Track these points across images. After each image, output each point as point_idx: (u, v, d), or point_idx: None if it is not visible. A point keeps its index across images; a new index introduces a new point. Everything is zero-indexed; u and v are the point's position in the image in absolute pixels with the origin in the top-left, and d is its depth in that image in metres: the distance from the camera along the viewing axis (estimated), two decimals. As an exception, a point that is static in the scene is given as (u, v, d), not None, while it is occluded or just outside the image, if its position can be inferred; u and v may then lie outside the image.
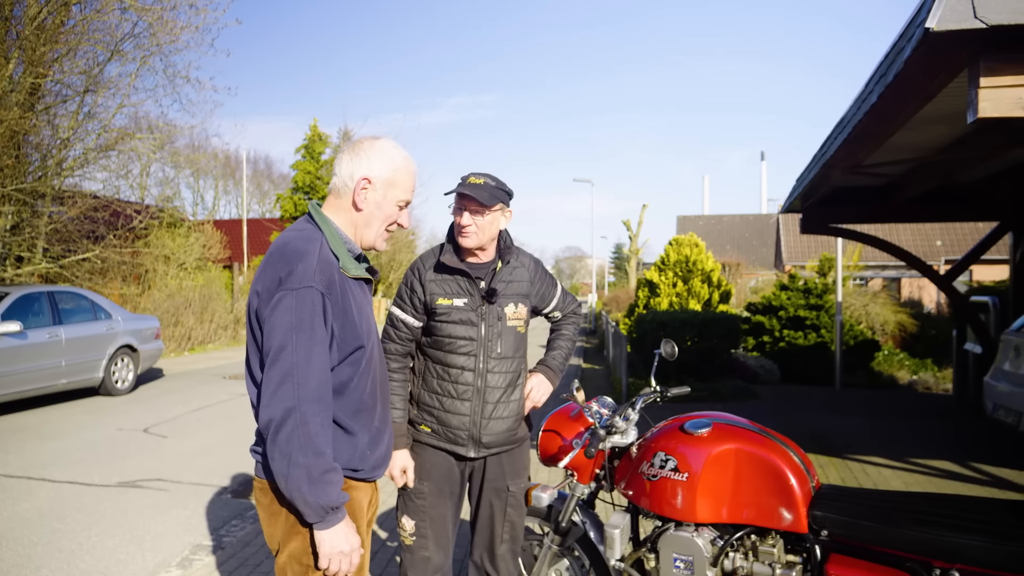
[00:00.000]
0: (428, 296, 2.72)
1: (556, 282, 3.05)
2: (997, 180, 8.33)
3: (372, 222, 2.14)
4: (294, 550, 2.00)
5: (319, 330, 1.90)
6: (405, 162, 2.17)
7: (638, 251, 39.33)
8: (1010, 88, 3.13)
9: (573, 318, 3.12)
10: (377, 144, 2.15)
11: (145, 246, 19.02)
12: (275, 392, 1.85)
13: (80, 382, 10.15)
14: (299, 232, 2.07)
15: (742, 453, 2.57)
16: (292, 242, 2.02)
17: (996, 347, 7.63)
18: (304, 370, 1.87)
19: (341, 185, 2.12)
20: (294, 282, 1.90)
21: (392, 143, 2.19)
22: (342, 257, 2.05)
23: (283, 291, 1.90)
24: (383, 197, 2.13)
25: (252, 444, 2.10)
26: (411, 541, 2.80)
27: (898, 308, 17.21)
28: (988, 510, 2.38)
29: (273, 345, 1.88)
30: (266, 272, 1.97)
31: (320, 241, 2.03)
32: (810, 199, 8.96)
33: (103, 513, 5.35)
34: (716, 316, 11.89)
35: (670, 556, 2.64)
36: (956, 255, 24.20)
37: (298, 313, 1.88)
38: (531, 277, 2.89)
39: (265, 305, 1.92)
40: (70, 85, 15.51)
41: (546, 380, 2.95)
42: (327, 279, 1.96)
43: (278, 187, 44.47)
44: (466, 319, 2.71)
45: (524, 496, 2.93)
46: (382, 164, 2.11)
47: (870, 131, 5.05)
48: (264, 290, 1.94)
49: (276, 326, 1.88)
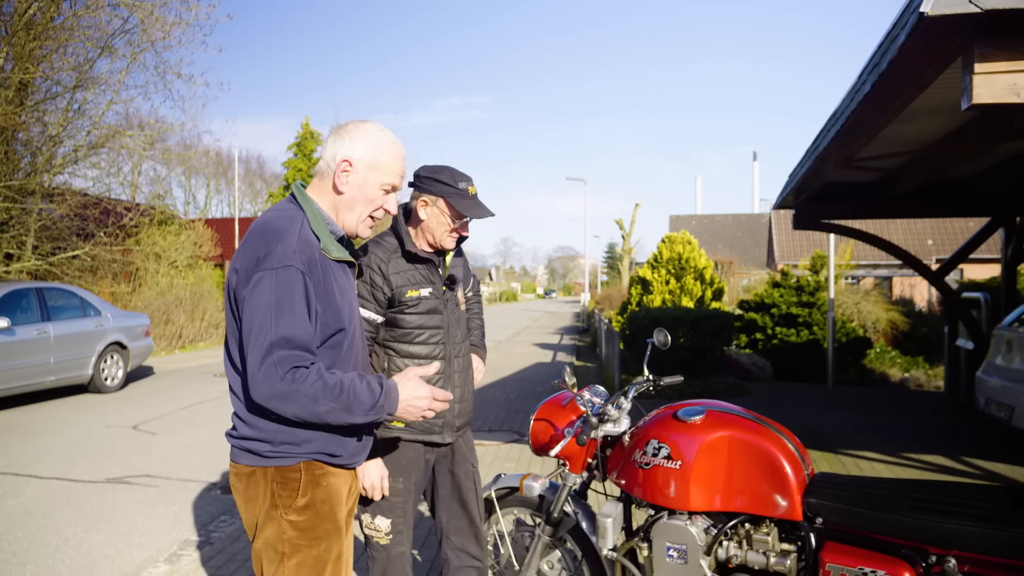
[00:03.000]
0: (395, 289, 2.66)
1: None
2: (989, 176, 8.34)
3: (354, 206, 2.07)
4: (269, 537, 1.97)
5: (299, 308, 1.86)
6: (391, 144, 2.10)
7: (631, 250, 39.39)
8: (1004, 74, 3.11)
9: (478, 297, 3.23)
10: (362, 126, 2.09)
11: (136, 244, 18.89)
12: (260, 366, 1.81)
13: (69, 379, 10.06)
14: (280, 212, 2.03)
15: (736, 440, 2.54)
16: (272, 221, 1.98)
17: (987, 343, 7.64)
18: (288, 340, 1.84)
19: (324, 167, 2.08)
20: (273, 262, 1.86)
21: (378, 126, 2.12)
22: (323, 238, 2.01)
23: (262, 271, 1.85)
24: (364, 180, 2.06)
25: (228, 429, 2.05)
26: (387, 540, 2.74)
27: (890, 306, 17.22)
28: (984, 497, 2.35)
29: (253, 326, 1.83)
30: (245, 251, 1.92)
31: (301, 221, 1.98)
32: (803, 194, 8.96)
33: (90, 509, 5.29)
34: (709, 313, 11.88)
35: (663, 545, 2.61)
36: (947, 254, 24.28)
37: (278, 292, 1.84)
38: (463, 261, 2.99)
39: (244, 285, 1.88)
40: (60, 82, 15.39)
41: (479, 359, 3.09)
42: (307, 259, 1.91)
43: (270, 186, 44.37)
44: (433, 308, 2.73)
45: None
46: (365, 146, 2.05)
47: (863, 122, 5.04)
48: (243, 270, 1.90)
49: (256, 306, 1.84)
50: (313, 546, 1.98)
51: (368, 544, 2.79)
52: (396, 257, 2.70)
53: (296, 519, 1.96)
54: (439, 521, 2.95)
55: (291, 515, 1.96)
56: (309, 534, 1.97)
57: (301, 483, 1.96)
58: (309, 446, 1.96)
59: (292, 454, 1.95)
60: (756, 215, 45.69)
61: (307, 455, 1.96)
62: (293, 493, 1.95)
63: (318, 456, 1.98)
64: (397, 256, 2.70)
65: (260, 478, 1.96)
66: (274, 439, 1.93)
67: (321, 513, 1.99)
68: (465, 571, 2.93)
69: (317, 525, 1.98)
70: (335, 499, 2.03)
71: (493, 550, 3.35)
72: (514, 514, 3.28)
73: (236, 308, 1.92)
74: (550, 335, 24.62)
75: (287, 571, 1.96)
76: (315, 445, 1.96)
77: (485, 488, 3.25)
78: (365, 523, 2.76)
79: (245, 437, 1.97)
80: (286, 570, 1.96)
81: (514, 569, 3.20)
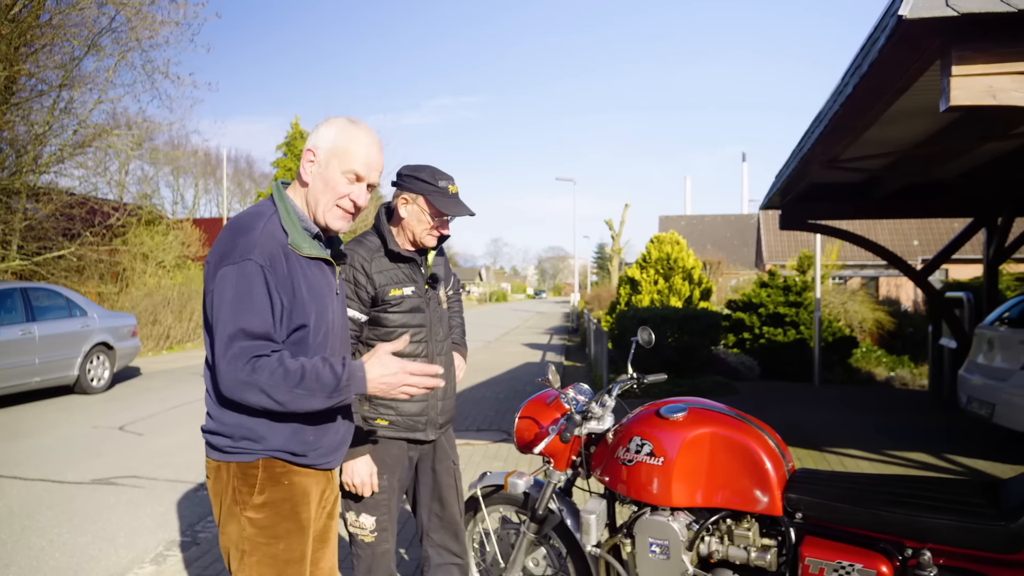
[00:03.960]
0: (378, 288, 2.68)
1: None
2: (971, 177, 8.44)
3: (319, 196, 2.04)
4: (231, 533, 1.98)
5: (260, 300, 1.87)
6: (356, 130, 2.04)
7: (620, 250, 39.49)
8: (981, 76, 3.16)
9: (459, 296, 3.26)
10: (332, 119, 2.07)
11: (123, 244, 18.79)
12: (224, 359, 1.83)
13: (54, 380, 10.01)
14: (254, 208, 2.06)
15: (717, 437, 2.57)
16: (241, 218, 2.01)
17: (970, 342, 7.72)
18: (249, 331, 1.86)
19: (298, 164, 2.11)
20: (235, 256, 1.89)
21: (351, 118, 2.08)
22: (292, 234, 2.00)
23: (224, 266, 1.89)
24: (325, 168, 2.02)
25: (202, 424, 2.05)
26: (372, 538, 2.75)
27: (876, 306, 17.36)
28: (958, 491, 2.40)
29: (218, 321, 1.86)
30: (215, 248, 1.96)
31: (269, 216, 2.00)
32: (789, 195, 9.03)
33: (75, 510, 5.27)
34: (697, 313, 11.94)
35: (646, 541, 2.64)
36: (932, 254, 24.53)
37: (237, 286, 1.86)
38: (444, 260, 3.02)
39: (210, 280, 1.92)
40: (45, 80, 15.31)
41: (461, 357, 3.11)
42: (268, 253, 1.91)
43: (259, 186, 44.21)
44: (416, 306, 2.75)
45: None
46: (329, 134, 2.02)
47: (847, 124, 5.09)
48: (211, 264, 1.94)
49: (220, 301, 1.87)
50: (271, 544, 1.96)
51: (352, 542, 2.80)
52: (379, 256, 2.72)
53: (254, 516, 1.95)
54: (420, 518, 2.97)
55: (249, 512, 1.95)
56: (267, 532, 1.95)
57: (259, 480, 1.95)
58: (268, 443, 1.95)
59: (251, 450, 1.94)
60: (744, 215, 45.90)
61: (266, 452, 1.95)
62: (251, 490, 1.95)
63: (278, 454, 1.96)
64: (380, 255, 2.72)
65: (224, 473, 1.97)
66: (234, 434, 1.94)
67: (281, 512, 1.97)
68: (446, 568, 2.95)
69: (276, 524, 1.96)
70: (298, 498, 2.00)
71: (479, 548, 3.37)
72: (499, 512, 3.30)
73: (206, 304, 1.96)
74: (539, 335, 24.66)
75: (247, 568, 1.96)
76: (275, 443, 1.95)
77: (471, 486, 3.27)
78: (350, 521, 2.76)
79: (211, 431, 1.99)
80: (246, 567, 1.96)
81: (500, 566, 3.22)
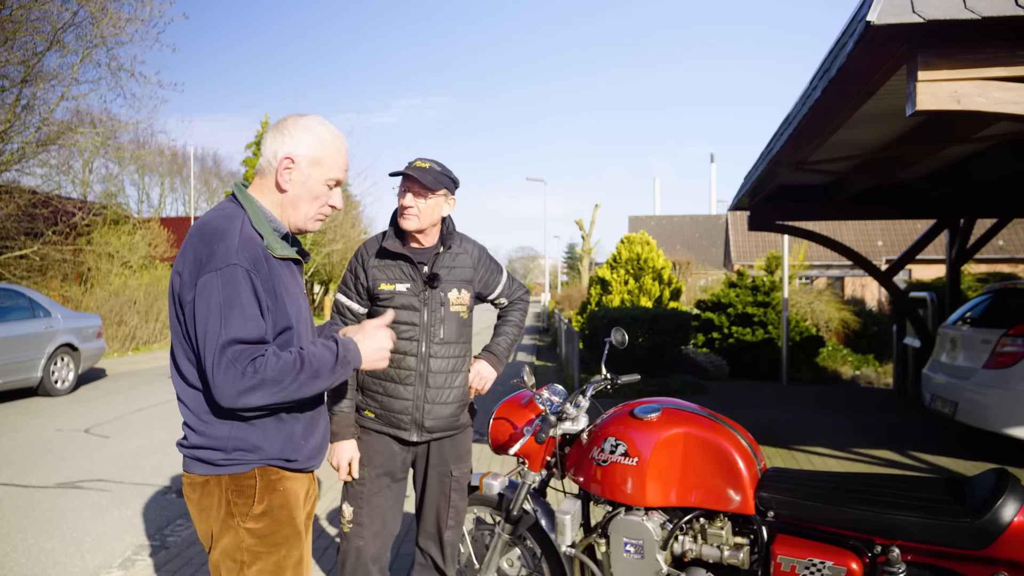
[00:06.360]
0: (371, 281, 2.74)
1: (502, 269, 3.07)
2: (934, 179, 8.62)
3: (299, 203, 2.01)
4: (227, 546, 1.92)
5: (248, 305, 1.81)
6: (333, 138, 2.03)
7: (591, 250, 39.67)
8: (946, 82, 3.24)
9: (520, 304, 3.14)
10: (302, 121, 2.01)
11: (88, 244, 18.44)
12: (218, 369, 1.76)
13: (17, 382, 9.77)
14: (220, 212, 1.97)
15: (691, 437, 2.60)
16: (212, 222, 1.92)
17: (934, 341, 7.89)
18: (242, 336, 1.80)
19: (266, 165, 2.00)
20: (217, 262, 1.80)
21: (319, 119, 2.04)
22: (266, 236, 1.95)
23: (206, 274, 1.80)
24: (308, 176, 1.99)
25: (179, 439, 1.99)
26: (348, 528, 2.80)
27: (842, 306, 17.67)
28: (925, 488, 2.45)
29: (207, 331, 1.78)
30: (186, 254, 1.87)
31: (241, 219, 1.93)
32: (757, 196, 9.15)
33: (40, 515, 5.16)
34: (666, 312, 12.04)
35: (620, 541, 2.66)
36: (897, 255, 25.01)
37: (224, 292, 1.79)
38: (474, 263, 2.92)
39: (189, 290, 1.83)
40: (7, 75, 14.95)
41: (489, 366, 2.98)
42: (251, 256, 1.85)
43: (226, 184, 43.58)
44: (408, 304, 2.73)
45: (467, 481, 2.97)
46: (307, 142, 1.98)
47: (814, 127, 5.17)
48: (186, 273, 1.85)
49: (207, 310, 1.79)
50: (273, 552, 1.94)
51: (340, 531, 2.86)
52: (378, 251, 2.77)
53: (254, 526, 1.92)
54: (416, 518, 3.00)
55: (249, 523, 1.91)
56: (268, 540, 1.93)
57: (257, 490, 1.92)
58: (263, 452, 1.92)
59: (246, 461, 1.90)
60: (713, 216, 46.37)
61: (261, 461, 1.92)
62: (249, 500, 1.91)
63: (273, 462, 1.94)
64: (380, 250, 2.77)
65: (214, 487, 1.92)
66: (226, 447, 1.89)
67: (279, 519, 1.95)
68: (422, 571, 2.97)
69: (276, 531, 1.94)
70: (293, 503, 1.99)
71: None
72: (474, 513, 3.30)
73: (181, 312, 1.87)
74: (511, 335, 24.62)
75: None
76: (269, 451, 1.93)
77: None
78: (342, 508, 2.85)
79: (196, 446, 1.91)
80: None
81: (474, 567, 3.23)
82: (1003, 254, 25.40)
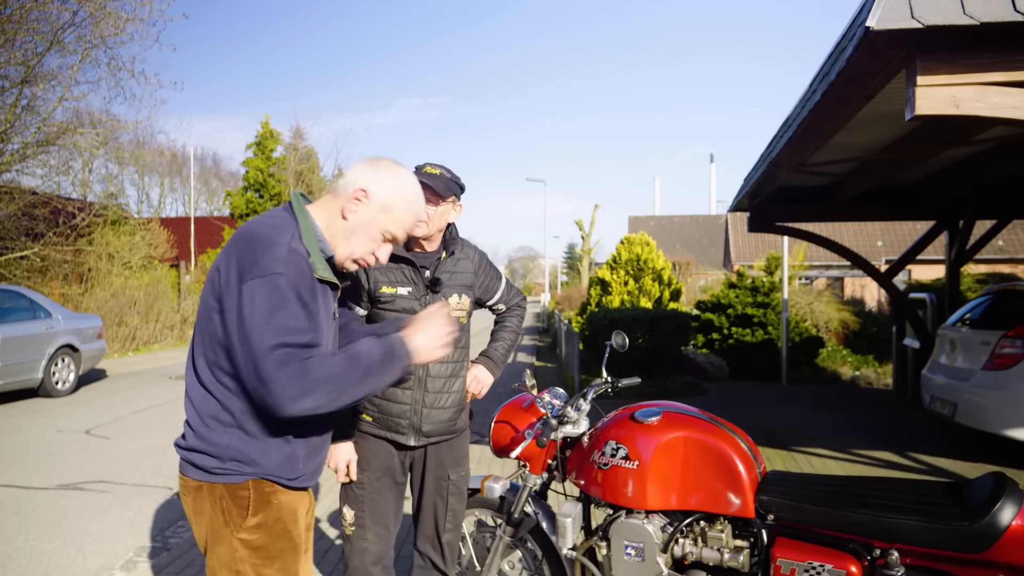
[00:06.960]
0: (372, 284, 2.73)
1: (501, 275, 3.10)
2: (933, 181, 8.64)
3: (352, 237, 1.96)
4: (221, 555, 1.90)
5: (295, 309, 1.78)
6: (413, 197, 2.02)
7: (590, 251, 39.69)
8: (944, 87, 3.25)
9: (517, 311, 3.16)
10: (397, 168, 2.02)
11: (88, 244, 18.45)
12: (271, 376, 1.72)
13: (18, 383, 9.79)
14: (271, 219, 1.93)
15: (691, 440, 2.61)
16: (259, 230, 1.87)
17: (933, 342, 7.90)
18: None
19: (342, 188, 1.98)
20: (262, 269, 1.76)
21: (414, 179, 2.05)
22: (313, 254, 1.89)
23: (251, 280, 1.76)
24: (373, 217, 1.96)
25: (176, 438, 1.96)
26: (351, 531, 2.81)
27: (841, 306, 17.69)
28: (924, 492, 2.46)
29: (252, 331, 1.74)
30: (230, 258, 1.82)
31: (292, 232, 1.88)
32: (757, 198, 9.16)
33: (41, 516, 5.17)
34: (666, 313, 12.05)
35: (621, 544, 2.67)
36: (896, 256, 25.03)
37: (270, 299, 1.75)
38: (475, 269, 2.93)
39: (231, 294, 1.78)
40: (7, 76, 14.96)
41: (487, 371, 2.99)
42: (297, 269, 1.81)
43: (226, 184, 43.63)
44: (409, 308, 2.73)
45: (464, 485, 2.98)
46: (390, 187, 1.97)
47: (814, 130, 5.19)
48: (230, 275, 1.80)
49: (252, 312, 1.74)
50: (267, 565, 1.91)
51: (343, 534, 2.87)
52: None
53: (248, 538, 1.89)
54: (415, 522, 3.01)
55: (243, 534, 1.89)
56: (262, 553, 1.91)
57: (251, 501, 1.89)
58: (259, 467, 1.88)
59: (240, 472, 1.87)
60: (713, 216, 46.37)
61: (256, 474, 1.88)
62: (243, 512, 1.88)
63: (269, 476, 1.90)
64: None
65: (207, 494, 1.89)
66: (223, 455, 1.86)
67: (274, 532, 1.92)
68: (424, 572, 2.98)
69: (271, 544, 1.92)
70: (288, 517, 1.96)
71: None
72: (475, 515, 3.31)
73: (218, 312, 1.83)
74: (510, 335, 24.62)
75: None
76: (267, 467, 1.89)
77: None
78: (340, 511, 2.85)
79: (193, 449, 1.89)
80: None
81: (475, 570, 3.24)
82: (1002, 254, 25.43)
